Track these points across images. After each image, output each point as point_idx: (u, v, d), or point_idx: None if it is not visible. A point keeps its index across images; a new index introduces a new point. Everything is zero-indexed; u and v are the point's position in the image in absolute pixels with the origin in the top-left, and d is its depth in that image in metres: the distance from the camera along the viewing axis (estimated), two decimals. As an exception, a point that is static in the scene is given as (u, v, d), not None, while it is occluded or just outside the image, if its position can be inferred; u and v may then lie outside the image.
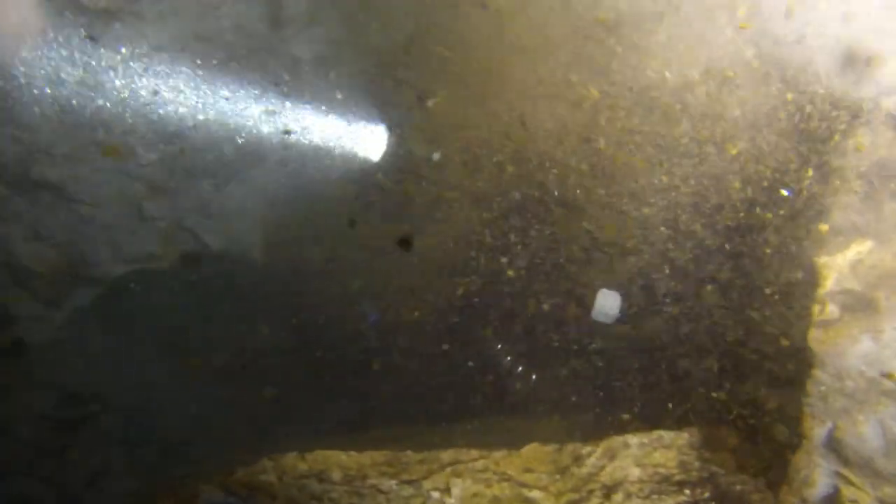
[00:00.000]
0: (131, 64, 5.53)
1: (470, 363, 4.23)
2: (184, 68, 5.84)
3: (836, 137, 3.17)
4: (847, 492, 2.36)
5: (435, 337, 4.29)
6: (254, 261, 5.13)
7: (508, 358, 4.15)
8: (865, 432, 2.38)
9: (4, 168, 5.57)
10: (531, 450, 3.71)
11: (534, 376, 4.10)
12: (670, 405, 3.42)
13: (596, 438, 3.68)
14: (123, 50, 5.35)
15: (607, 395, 3.73)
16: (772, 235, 3.10)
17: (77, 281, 6.05)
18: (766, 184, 3.29)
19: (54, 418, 5.87)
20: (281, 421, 4.17)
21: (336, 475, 3.23)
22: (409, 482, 3.25)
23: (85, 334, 6.14)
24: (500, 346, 4.17)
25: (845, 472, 2.40)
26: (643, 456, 3.29)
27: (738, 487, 2.75)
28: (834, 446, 2.46)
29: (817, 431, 2.50)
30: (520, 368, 4.13)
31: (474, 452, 3.62)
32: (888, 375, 2.40)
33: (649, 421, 3.48)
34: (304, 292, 4.61)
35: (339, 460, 3.38)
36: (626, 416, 3.59)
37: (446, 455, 3.57)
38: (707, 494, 2.76)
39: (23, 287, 6.22)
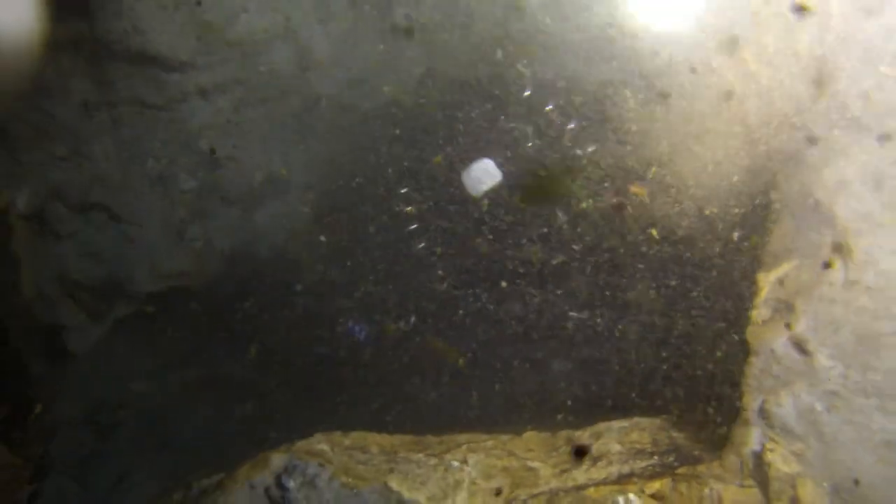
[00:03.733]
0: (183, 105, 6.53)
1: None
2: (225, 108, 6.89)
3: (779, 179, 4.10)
4: (769, 446, 3.23)
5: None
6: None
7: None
8: (785, 403, 3.26)
9: (68, 193, 6.46)
10: (530, 435, 4.56)
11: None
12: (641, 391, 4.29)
13: (585, 426, 4.53)
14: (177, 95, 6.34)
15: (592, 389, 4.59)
16: (724, 259, 4.03)
17: (119, 295, 6.93)
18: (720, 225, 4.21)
19: (90, 422, 6.68)
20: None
21: (374, 449, 4.04)
22: (434, 455, 4.07)
23: (119, 345, 7.02)
24: None
25: (770, 433, 3.27)
26: (623, 436, 4.13)
27: (696, 452, 3.60)
28: (763, 415, 3.32)
29: (752, 404, 3.38)
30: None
31: (484, 436, 4.45)
32: (799, 359, 3.29)
33: (628, 411, 4.34)
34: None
35: (374, 439, 4.19)
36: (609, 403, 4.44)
37: (461, 437, 4.39)
38: (671, 459, 3.60)
39: (73, 299, 7.10)
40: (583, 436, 4.37)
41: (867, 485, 3.05)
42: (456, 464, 3.97)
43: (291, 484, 3.61)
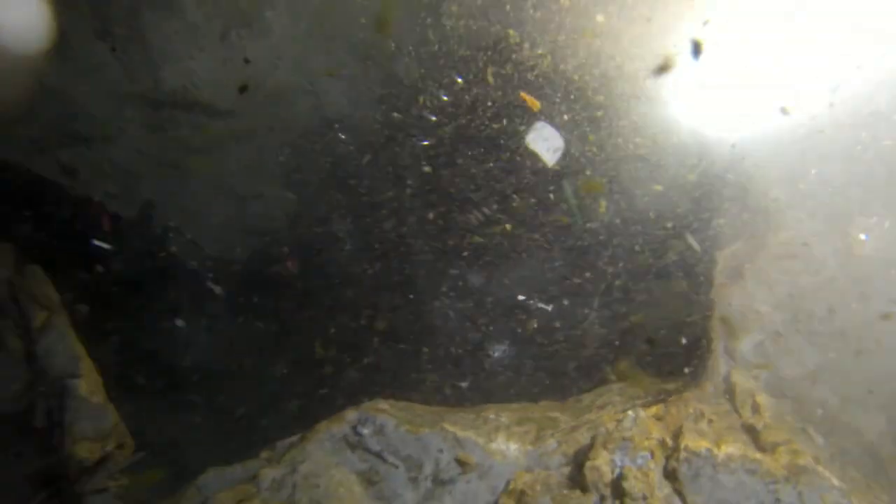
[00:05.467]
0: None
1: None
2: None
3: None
4: (733, 373, 4.37)
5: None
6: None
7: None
8: (743, 342, 4.44)
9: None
10: (545, 403, 5.58)
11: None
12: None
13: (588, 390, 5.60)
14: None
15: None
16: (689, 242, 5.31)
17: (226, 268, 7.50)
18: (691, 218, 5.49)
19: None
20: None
21: (420, 411, 4.98)
22: (472, 413, 5.04)
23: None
24: None
25: (733, 364, 4.42)
26: (621, 391, 5.20)
27: (680, 387, 4.71)
28: (727, 352, 4.49)
29: (719, 346, 4.54)
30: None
31: (509, 404, 5.44)
32: (750, 311, 4.50)
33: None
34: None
35: (419, 408, 5.12)
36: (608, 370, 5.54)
37: (491, 405, 5.36)
38: (661, 396, 4.69)
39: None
40: (586, 396, 5.44)
41: (802, 394, 4.22)
42: (492, 416, 4.95)
43: (365, 431, 4.53)
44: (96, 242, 5.23)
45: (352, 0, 6.46)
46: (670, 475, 3.81)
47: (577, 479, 4.12)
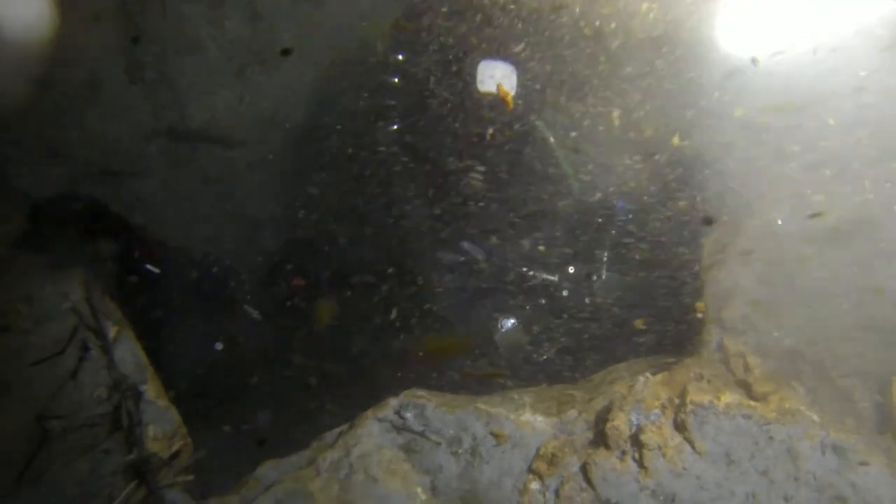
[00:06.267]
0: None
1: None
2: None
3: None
4: (725, 339, 5.09)
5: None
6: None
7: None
8: (730, 311, 5.17)
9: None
10: (559, 385, 6.24)
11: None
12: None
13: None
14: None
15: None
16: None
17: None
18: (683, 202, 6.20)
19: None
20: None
21: (451, 396, 5.60)
22: (497, 396, 5.66)
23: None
24: None
25: (724, 332, 5.14)
26: (628, 368, 5.88)
27: (680, 357, 5.41)
28: (719, 322, 5.21)
29: (712, 316, 5.26)
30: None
31: (528, 387, 6.08)
32: (735, 286, 5.24)
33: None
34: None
35: (449, 395, 5.74)
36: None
37: (512, 389, 5.99)
38: (664, 366, 5.38)
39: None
40: (596, 375, 6.11)
41: (784, 348, 4.97)
42: (515, 396, 5.58)
43: (408, 414, 5.13)
44: (148, 266, 5.79)
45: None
46: (680, 426, 4.48)
47: (600, 440, 4.77)
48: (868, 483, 4.12)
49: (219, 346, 5.91)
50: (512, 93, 5.64)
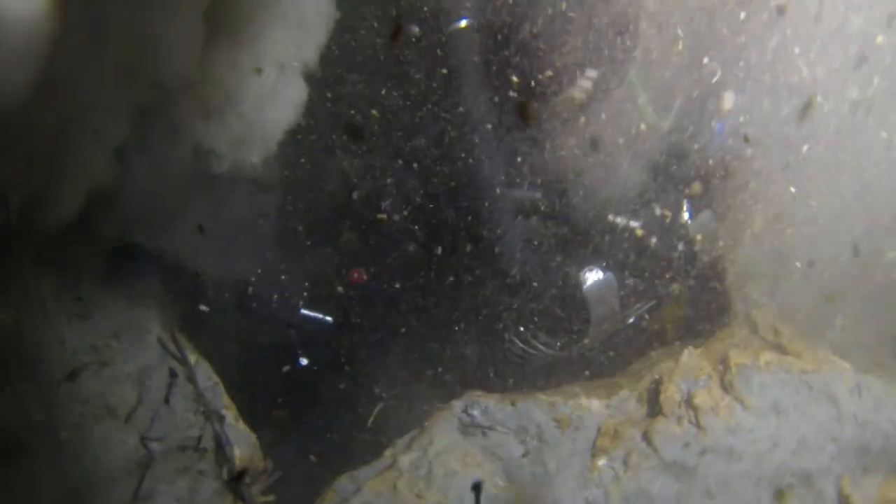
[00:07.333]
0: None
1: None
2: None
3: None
4: (753, 311, 5.65)
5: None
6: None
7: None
8: (755, 288, 5.74)
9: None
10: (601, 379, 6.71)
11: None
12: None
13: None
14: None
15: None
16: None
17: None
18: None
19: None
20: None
21: (508, 394, 6.03)
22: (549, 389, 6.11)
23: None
24: None
25: (752, 303, 5.71)
26: (665, 351, 6.38)
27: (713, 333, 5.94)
28: (745, 300, 5.78)
29: (737, 296, 5.83)
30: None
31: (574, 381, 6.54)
32: (755, 264, 5.84)
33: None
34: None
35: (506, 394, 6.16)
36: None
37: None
38: (701, 342, 5.90)
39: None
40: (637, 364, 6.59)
41: (809, 318, 5.54)
42: (567, 387, 6.04)
43: (474, 412, 5.54)
44: (202, 307, 6.19)
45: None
46: (727, 387, 4.98)
47: (654, 412, 5.24)
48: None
49: (303, 361, 6.24)
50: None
